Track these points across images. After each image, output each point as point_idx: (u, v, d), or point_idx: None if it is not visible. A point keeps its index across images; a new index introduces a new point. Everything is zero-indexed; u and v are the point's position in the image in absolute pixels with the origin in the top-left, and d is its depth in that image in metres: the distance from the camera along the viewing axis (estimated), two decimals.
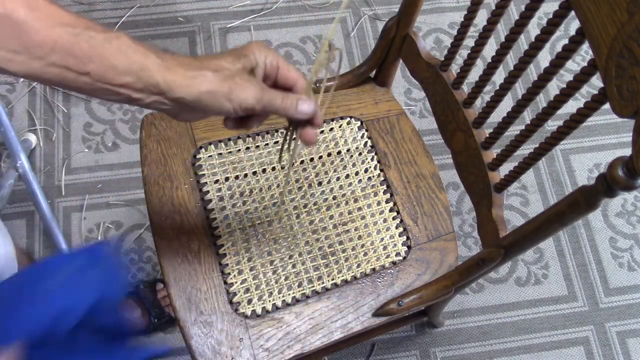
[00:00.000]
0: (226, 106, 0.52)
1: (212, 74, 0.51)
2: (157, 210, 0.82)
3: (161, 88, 0.49)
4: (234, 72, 0.52)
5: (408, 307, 0.79)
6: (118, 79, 0.48)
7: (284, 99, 0.55)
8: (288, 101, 0.55)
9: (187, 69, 0.50)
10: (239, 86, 0.52)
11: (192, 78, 0.50)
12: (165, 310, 1.18)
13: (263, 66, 0.55)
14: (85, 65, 0.46)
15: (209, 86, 0.50)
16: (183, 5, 1.52)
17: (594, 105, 0.57)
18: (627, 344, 1.27)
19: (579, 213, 0.56)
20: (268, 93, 0.54)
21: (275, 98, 0.54)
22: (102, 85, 0.48)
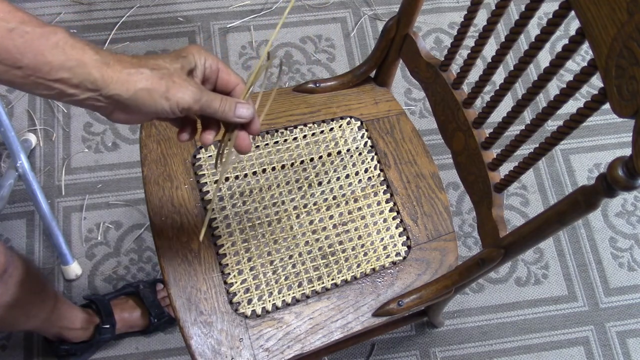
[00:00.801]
0: (163, 105, 0.51)
1: (150, 72, 0.50)
2: (157, 210, 0.82)
3: (98, 84, 0.48)
4: (172, 71, 0.52)
5: (408, 307, 0.79)
6: (53, 74, 0.47)
7: (222, 100, 0.54)
8: (227, 104, 0.55)
9: (125, 66, 0.50)
10: (176, 85, 0.51)
11: (129, 75, 0.49)
12: (165, 311, 1.18)
13: (202, 69, 0.55)
14: (18, 61, 0.46)
15: (146, 83, 0.50)
16: (183, 5, 1.52)
17: (594, 105, 0.57)
18: (627, 344, 1.27)
19: (579, 213, 0.56)
20: (207, 94, 0.53)
21: (214, 100, 0.54)
22: (36, 80, 0.47)
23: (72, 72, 0.47)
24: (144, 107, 0.51)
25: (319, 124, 0.90)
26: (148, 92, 0.50)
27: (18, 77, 0.47)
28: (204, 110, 0.53)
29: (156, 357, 1.20)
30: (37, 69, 0.46)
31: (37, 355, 1.18)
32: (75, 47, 0.48)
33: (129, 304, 1.17)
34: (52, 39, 0.47)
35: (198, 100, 0.52)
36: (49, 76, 0.47)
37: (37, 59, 0.46)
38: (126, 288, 1.19)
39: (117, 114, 0.52)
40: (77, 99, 0.49)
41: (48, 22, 0.48)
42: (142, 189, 1.26)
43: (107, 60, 0.49)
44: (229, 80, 0.57)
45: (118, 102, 0.50)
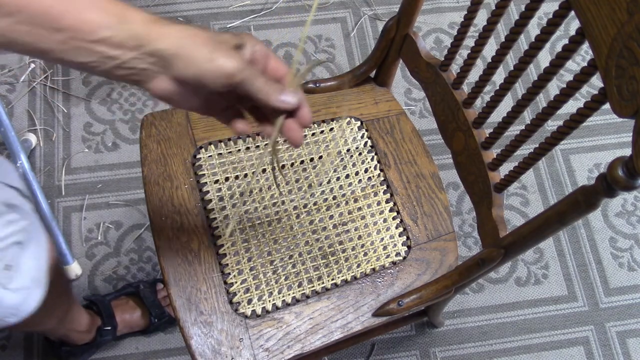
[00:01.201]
0: (206, 66, 0.48)
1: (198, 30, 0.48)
2: (157, 210, 0.82)
3: (140, 39, 0.46)
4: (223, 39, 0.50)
5: (408, 307, 0.79)
6: (95, 34, 0.45)
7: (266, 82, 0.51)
8: (271, 86, 0.51)
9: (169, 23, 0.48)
10: (221, 50, 0.48)
11: (176, 30, 0.47)
12: (165, 311, 1.18)
13: (251, 50, 0.52)
14: (59, 21, 0.43)
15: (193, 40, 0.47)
16: (183, 5, 1.52)
17: (594, 105, 0.57)
18: (627, 344, 1.27)
19: (579, 213, 0.56)
20: (251, 69, 0.50)
21: (258, 77, 0.50)
22: (77, 43, 0.45)
23: (113, 29, 0.45)
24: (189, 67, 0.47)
25: (319, 124, 0.90)
26: (193, 49, 0.47)
27: (59, 42, 0.44)
28: (245, 84, 0.50)
29: (156, 357, 1.20)
30: (77, 30, 0.44)
31: (37, 355, 1.18)
32: (115, 4, 0.46)
33: (130, 305, 1.17)
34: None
35: (241, 70, 0.49)
36: (90, 36, 0.44)
37: (77, 18, 0.44)
38: (126, 288, 1.19)
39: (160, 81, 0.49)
40: (119, 63, 0.47)
41: None
42: (142, 189, 1.26)
43: (150, 17, 0.47)
44: (278, 67, 0.54)
45: (161, 59, 0.47)
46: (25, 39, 0.44)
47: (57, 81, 1.42)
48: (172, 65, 0.48)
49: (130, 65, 0.47)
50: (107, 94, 1.41)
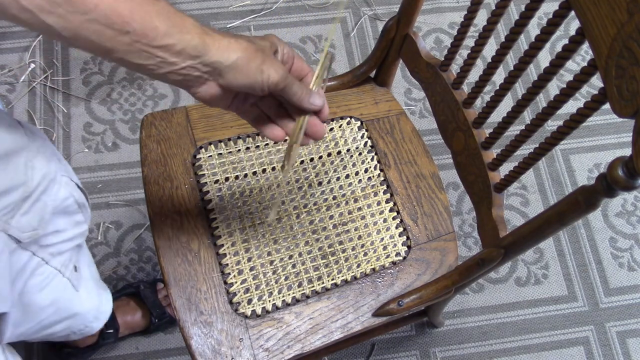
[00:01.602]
0: (257, 77, 0.52)
1: (247, 43, 0.52)
2: (157, 210, 0.82)
3: (199, 50, 0.49)
4: (264, 47, 0.54)
5: (408, 307, 0.79)
6: (159, 40, 0.47)
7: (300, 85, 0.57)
8: (304, 89, 0.57)
9: (224, 35, 0.51)
10: (269, 60, 0.53)
11: (229, 43, 0.51)
12: (166, 311, 1.18)
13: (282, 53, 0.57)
14: (128, 24, 0.45)
15: (245, 53, 0.51)
16: (183, 6, 1.52)
17: (594, 105, 0.57)
18: (627, 344, 1.27)
19: (579, 213, 0.56)
20: (290, 76, 0.55)
21: (295, 83, 0.56)
22: (141, 47, 0.47)
23: (176, 38, 0.48)
24: (240, 77, 0.52)
25: None
26: (246, 61, 0.51)
27: (124, 43, 0.46)
28: (285, 91, 0.55)
29: (156, 357, 1.20)
30: (144, 34, 0.46)
31: (37, 356, 1.18)
32: (177, 14, 0.49)
33: (131, 306, 1.17)
34: (157, 4, 0.47)
35: (285, 79, 0.54)
36: (154, 42, 0.47)
37: (145, 23, 0.46)
38: (127, 289, 1.19)
39: (209, 87, 0.53)
40: (175, 69, 0.50)
41: None
42: (142, 189, 1.26)
43: (205, 29, 0.50)
44: (302, 67, 0.59)
45: (216, 69, 0.51)
46: (93, 37, 0.45)
47: (57, 81, 1.42)
48: (224, 75, 0.52)
49: (186, 72, 0.50)
50: (107, 94, 1.41)
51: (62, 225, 0.74)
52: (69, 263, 0.78)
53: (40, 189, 0.66)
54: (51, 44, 1.45)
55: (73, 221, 0.75)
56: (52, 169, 0.68)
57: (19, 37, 1.45)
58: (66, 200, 0.72)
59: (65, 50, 1.45)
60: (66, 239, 0.75)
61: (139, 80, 1.43)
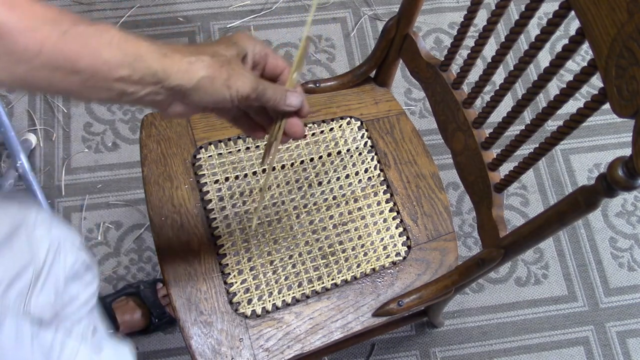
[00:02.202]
0: (224, 94, 0.50)
1: (210, 59, 0.49)
2: (157, 210, 0.82)
3: (159, 76, 0.47)
4: (229, 58, 0.51)
5: (408, 307, 0.79)
6: (113, 74, 0.45)
7: (274, 89, 0.54)
8: (278, 92, 0.54)
9: (184, 54, 0.48)
10: (236, 73, 0.50)
11: (189, 63, 0.48)
12: (166, 310, 1.18)
13: (252, 55, 0.54)
14: (76, 64, 0.43)
15: (208, 71, 0.48)
16: (183, 5, 1.52)
17: (594, 105, 0.57)
18: (627, 344, 1.27)
19: (579, 213, 0.56)
20: (261, 82, 0.52)
21: (268, 88, 0.53)
22: (95, 83, 0.45)
23: (131, 67, 0.45)
24: (205, 96, 0.49)
25: (319, 124, 0.90)
26: (210, 80, 0.49)
27: (76, 83, 0.44)
28: (258, 98, 0.52)
29: (156, 357, 1.20)
30: (95, 71, 0.44)
31: None
32: (129, 42, 0.46)
33: (130, 306, 1.17)
34: (105, 36, 0.45)
35: (255, 88, 0.51)
36: (109, 76, 0.45)
37: (95, 59, 0.44)
38: (126, 289, 1.19)
39: (175, 107, 0.51)
40: (138, 97, 0.47)
41: None
42: (142, 189, 1.26)
43: (163, 51, 0.47)
44: (277, 64, 0.56)
45: (179, 92, 0.49)
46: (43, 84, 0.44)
47: None
48: (189, 97, 0.49)
49: (149, 98, 0.48)
50: None
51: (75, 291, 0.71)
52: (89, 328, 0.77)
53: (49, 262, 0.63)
54: None
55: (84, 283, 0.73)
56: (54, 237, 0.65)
57: None
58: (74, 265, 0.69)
59: None
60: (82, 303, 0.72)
61: None
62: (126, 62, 0.45)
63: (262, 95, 0.52)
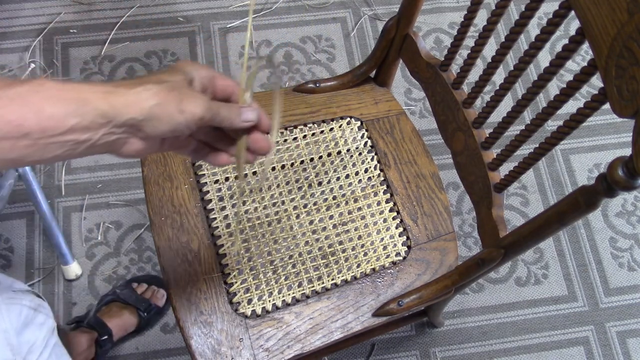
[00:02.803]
0: (179, 119, 0.48)
1: (157, 86, 0.47)
2: (157, 210, 0.82)
3: (108, 115, 0.44)
4: (176, 83, 0.49)
5: (408, 307, 0.79)
6: (61, 126, 0.43)
7: (227, 107, 0.52)
8: (233, 110, 0.52)
9: (129, 87, 0.46)
10: (186, 96, 0.48)
11: (137, 94, 0.46)
12: (151, 303, 1.18)
13: (199, 79, 0.52)
14: (22, 127, 0.41)
15: (158, 98, 0.46)
16: (183, 5, 1.52)
17: (594, 105, 0.57)
18: (627, 344, 1.27)
19: (579, 213, 0.56)
20: (214, 103, 0.51)
21: (221, 107, 0.51)
22: (46, 141, 0.43)
23: (78, 114, 0.43)
24: (160, 125, 0.47)
25: (319, 124, 0.90)
26: (162, 107, 0.47)
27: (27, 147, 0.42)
28: (213, 119, 0.50)
29: (156, 357, 1.20)
30: (43, 129, 0.42)
31: None
32: (69, 89, 0.44)
33: (114, 310, 1.17)
34: (42, 90, 0.43)
35: (209, 109, 0.49)
36: (58, 129, 0.43)
37: (40, 117, 0.42)
38: (104, 299, 1.20)
39: (131, 145, 0.48)
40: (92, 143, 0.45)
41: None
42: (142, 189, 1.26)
43: (106, 89, 0.45)
44: (226, 84, 0.54)
45: (133, 127, 0.47)
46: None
47: None
48: (143, 129, 0.47)
49: (103, 142, 0.46)
50: None
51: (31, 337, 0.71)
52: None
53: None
54: (51, 43, 1.45)
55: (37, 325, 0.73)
56: None
57: (19, 37, 1.45)
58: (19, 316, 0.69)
59: (65, 50, 1.45)
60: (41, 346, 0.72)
61: None
62: (72, 111, 0.43)
63: (217, 114, 0.51)
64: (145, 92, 0.46)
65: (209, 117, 0.50)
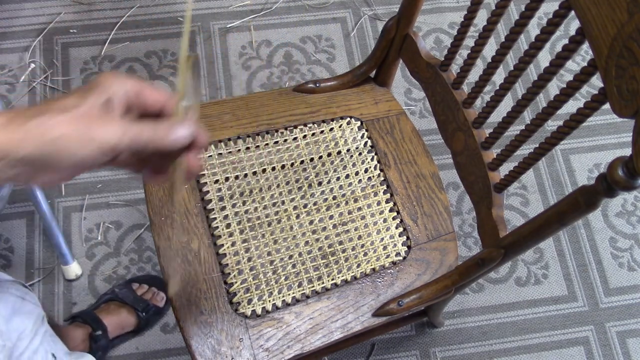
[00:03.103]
0: (90, 149, 0.42)
1: (60, 116, 0.41)
2: (157, 210, 0.82)
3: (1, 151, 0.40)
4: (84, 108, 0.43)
5: (408, 307, 0.79)
6: None
7: (153, 128, 0.45)
8: (159, 131, 0.45)
9: (27, 118, 0.41)
10: (95, 123, 0.42)
11: (36, 126, 0.40)
12: (149, 303, 1.18)
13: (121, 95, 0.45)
14: None
15: (60, 129, 0.41)
16: (183, 5, 1.52)
17: (594, 105, 0.57)
18: (627, 344, 1.27)
19: (579, 213, 0.56)
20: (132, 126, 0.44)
21: (143, 129, 0.44)
22: None
23: None
24: (69, 157, 0.42)
25: (319, 124, 0.90)
26: (66, 139, 0.41)
27: None
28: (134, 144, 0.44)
29: (156, 357, 1.20)
30: None
31: None
32: None
33: (112, 308, 1.17)
34: None
35: (124, 134, 0.43)
36: None
37: None
38: (103, 297, 1.20)
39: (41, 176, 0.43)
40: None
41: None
42: (142, 189, 1.26)
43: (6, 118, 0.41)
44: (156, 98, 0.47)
45: (33, 162, 0.41)
46: None
47: (57, 81, 1.42)
48: (49, 162, 0.42)
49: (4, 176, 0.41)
50: None
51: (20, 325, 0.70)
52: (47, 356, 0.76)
53: None
54: (51, 43, 1.45)
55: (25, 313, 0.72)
56: None
57: (19, 37, 1.45)
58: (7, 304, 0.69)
59: (65, 50, 1.45)
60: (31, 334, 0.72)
61: None
62: None
63: (138, 139, 0.44)
64: (46, 123, 0.41)
65: (126, 143, 0.43)
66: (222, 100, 0.90)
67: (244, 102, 0.90)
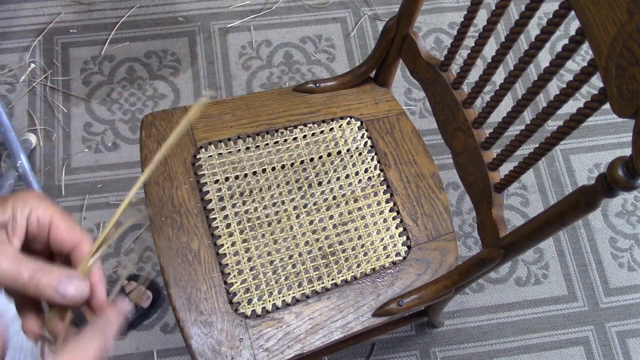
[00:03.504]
0: None
1: None
2: (157, 210, 0.82)
3: None
4: None
5: (408, 307, 0.79)
6: None
7: (38, 273, 0.37)
8: (44, 277, 0.37)
9: None
10: None
11: None
12: (136, 304, 1.18)
13: (24, 223, 0.39)
14: None
15: None
16: (183, 5, 1.52)
17: (594, 105, 0.57)
18: (627, 344, 1.27)
19: (579, 213, 0.56)
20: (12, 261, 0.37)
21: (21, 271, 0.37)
22: None
23: None
24: None
25: (319, 124, 0.90)
26: None
27: None
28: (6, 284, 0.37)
29: (156, 357, 1.20)
30: None
31: None
32: None
33: None
34: None
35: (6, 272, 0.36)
36: None
37: None
38: None
39: None
40: None
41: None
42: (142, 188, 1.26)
43: None
44: (64, 238, 0.41)
45: None
46: None
47: (57, 81, 1.42)
48: None
49: None
50: (107, 94, 1.41)
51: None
52: None
53: None
54: (51, 43, 1.45)
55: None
56: None
57: (19, 37, 1.45)
58: None
59: (65, 50, 1.45)
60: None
61: (139, 80, 1.43)
62: None
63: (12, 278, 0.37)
64: None
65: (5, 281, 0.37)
66: (222, 100, 0.90)
67: (244, 102, 0.90)
